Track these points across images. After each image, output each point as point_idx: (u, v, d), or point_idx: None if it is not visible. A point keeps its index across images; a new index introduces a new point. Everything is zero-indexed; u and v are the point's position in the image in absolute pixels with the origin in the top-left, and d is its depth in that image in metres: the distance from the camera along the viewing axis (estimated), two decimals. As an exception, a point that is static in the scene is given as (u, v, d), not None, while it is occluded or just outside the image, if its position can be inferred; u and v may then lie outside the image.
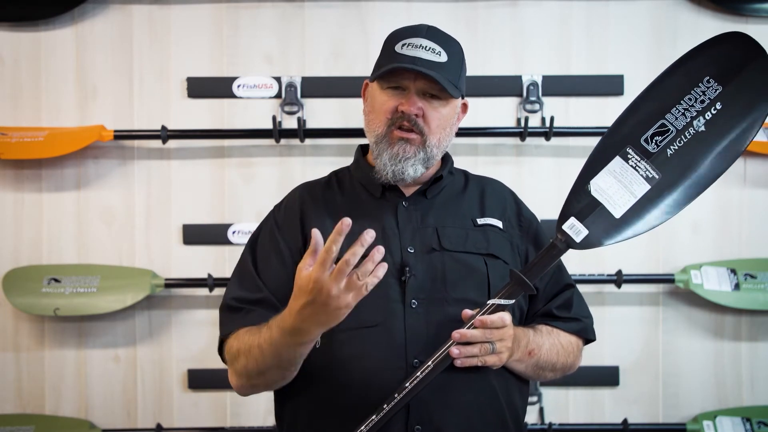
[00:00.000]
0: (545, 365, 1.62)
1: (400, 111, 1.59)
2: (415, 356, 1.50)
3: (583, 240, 1.50)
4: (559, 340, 1.65)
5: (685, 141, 1.49)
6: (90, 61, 2.74)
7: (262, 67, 2.75)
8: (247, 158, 2.75)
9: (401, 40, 1.61)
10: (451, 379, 1.51)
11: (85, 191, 2.74)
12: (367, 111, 1.68)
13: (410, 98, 1.59)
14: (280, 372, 1.53)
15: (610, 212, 1.49)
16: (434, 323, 1.53)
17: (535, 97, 2.71)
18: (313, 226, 1.61)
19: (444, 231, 1.62)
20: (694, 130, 1.49)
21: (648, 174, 1.49)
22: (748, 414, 2.70)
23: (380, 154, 1.61)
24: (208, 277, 2.65)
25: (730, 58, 1.50)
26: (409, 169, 1.61)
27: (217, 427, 2.73)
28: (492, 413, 1.56)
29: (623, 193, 1.49)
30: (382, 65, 1.62)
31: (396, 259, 1.58)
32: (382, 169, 1.61)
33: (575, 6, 2.74)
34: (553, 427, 2.68)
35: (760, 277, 2.67)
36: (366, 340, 1.48)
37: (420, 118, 1.59)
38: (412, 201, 1.65)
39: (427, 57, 1.59)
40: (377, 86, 1.64)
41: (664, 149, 1.49)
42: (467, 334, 1.46)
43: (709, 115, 1.48)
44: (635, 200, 1.49)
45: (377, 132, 1.62)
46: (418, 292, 1.55)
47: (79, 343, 2.74)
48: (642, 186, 1.49)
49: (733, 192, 2.74)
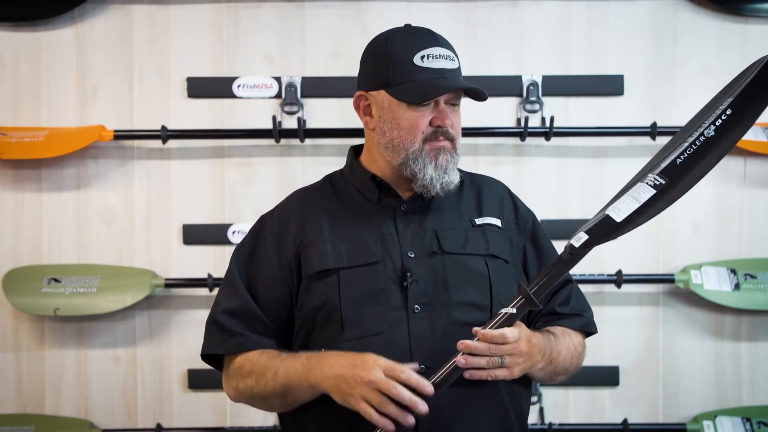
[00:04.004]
0: (561, 370, 1.62)
1: (435, 125, 1.57)
2: (422, 362, 1.48)
3: (582, 244, 1.48)
4: (572, 341, 1.64)
5: (695, 148, 1.47)
6: (90, 61, 2.74)
7: (262, 67, 2.75)
8: (247, 158, 2.75)
9: (416, 50, 1.56)
10: (461, 388, 1.49)
11: (85, 191, 2.74)
12: (387, 128, 1.59)
13: (443, 112, 1.57)
14: (282, 404, 1.56)
15: (612, 218, 1.48)
16: (438, 328, 1.52)
17: (535, 97, 2.71)
18: (309, 236, 1.61)
19: (443, 234, 1.61)
20: (704, 138, 1.48)
21: (656, 182, 1.48)
22: (748, 414, 2.70)
23: (423, 169, 1.57)
24: (208, 277, 2.65)
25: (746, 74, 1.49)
26: (454, 176, 1.60)
27: (217, 427, 2.73)
28: (500, 421, 1.55)
29: (628, 201, 1.48)
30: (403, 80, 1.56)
31: (397, 265, 1.56)
32: (429, 182, 1.57)
33: (575, 6, 2.74)
34: (553, 427, 2.68)
35: (760, 277, 2.67)
36: (371, 349, 1.47)
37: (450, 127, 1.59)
38: (410, 204, 1.63)
39: (449, 66, 1.57)
40: (398, 103, 1.57)
41: (675, 160, 1.48)
42: (471, 346, 1.44)
43: (719, 121, 1.47)
44: (639, 205, 1.47)
45: (412, 148, 1.57)
46: (421, 297, 1.54)
47: (79, 343, 2.74)
48: (647, 192, 1.48)
49: (733, 192, 2.74)
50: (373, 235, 1.59)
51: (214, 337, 1.61)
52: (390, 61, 1.57)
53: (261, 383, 1.54)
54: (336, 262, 1.57)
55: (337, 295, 1.54)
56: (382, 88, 1.58)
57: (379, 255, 1.57)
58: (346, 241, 1.59)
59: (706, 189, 2.74)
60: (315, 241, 1.60)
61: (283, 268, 1.60)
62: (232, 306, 1.61)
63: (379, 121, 1.61)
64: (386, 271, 1.56)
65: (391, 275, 1.56)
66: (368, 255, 1.57)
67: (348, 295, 1.54)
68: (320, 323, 1.56)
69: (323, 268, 1.57)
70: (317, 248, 1.59)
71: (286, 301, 1.60)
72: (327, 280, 1.56)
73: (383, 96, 1.59)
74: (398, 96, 1.56)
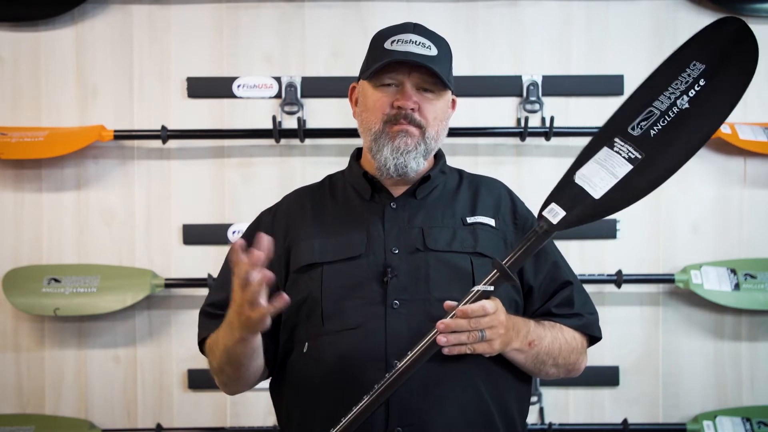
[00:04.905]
0: (546, 358, 1.58)
1: (396, 106, 1.59)
2: (396, 357, 1.47)
3: (560, 220, 1.47)
4: (563, 334, 1.62)
5: (668, 120, 1.47)
6: (90, 61, 2.74)
7: (262, 67, 2.75)
8: (247, 158, 2.75)
9: (389, 37, 1.61)
10: (433, 378, 1.49)
11: (85, 191, 2.74)
12: (359, 111, 1.67)
13: (405, 93, 1.58)
14: (232, 369, 1.58)
15: (589, 194, 1.47)
16: (416, 323, 1.52)
17: (535, 97, 2.71)
18: (300, 232, 1.64)
19: (430, 231, 1.61)
20: (677, 109, 1.47)
21: (631, 155, 1.47)
22: (748, 414, 2.70)
23: (380, 150, 1.60)
24: (208, 277, 2.65)
25: (715, 38, 1.48)
26: (412, 162, 1.60)
27: (217, 427, 2.73)
28: (476, 412, 1.53)
29: (605, 175, 1.47)
30: (372, 63, 1.61)
31: (379, 260, 1.57)
32: (384, 163, 1.60)
33: (575, 6, 2.74)
34: (553, 427, 2.68)
35: (760, 277, 2.67)
36: (347, 343, 1.49)
37: (416, 112, 1.59)
38: (401, 202, 1.64)
39: (419, 51, 1.59)
40: (369, 85, 1.63)
41: (648, 131, 1.47)
42: (452, 324, 1.43)
43: (692, 92, 1.46)
44: (616, 180, 1.46)
45: (374, 129, 1.61)
46: (401, 293, 1.54)
47: (79, 343, 2.74)
48: (624, 167, 1.46)
49: (733, 192, 2.74)
50: (360, 231, 1.61)
51: (202, 324, 1.68)
52: (368, 50, 1.66)
53: (216, 355, 1.59)
54: (321, 257, 1.59)
55: (319, 288, 1.56)
56: (361, 75, 1.66)
57: (362, 249, 1.58)
58: (334, 237, 1.61)
59: (706, 189, 2.74)
60: (305, 237, 1.63)
61: (273, 263, 1.61)
62: (220, 296, 1.64)
63: (358, 108, 1.68)
64: (368, 266, 1.57)
65: (373, 270, 1.57)
66: (351, 249, 1.59)
67: (329, 289, 1.56)
68: (303, 316, 1.58)
69: (308, 262, 1.59)
70: (305, 244, 1.62)
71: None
72: (311, 274, 1.59)
73: (361, 83, 1.66)
74: (363, 76, 1.63)
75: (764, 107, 2.74)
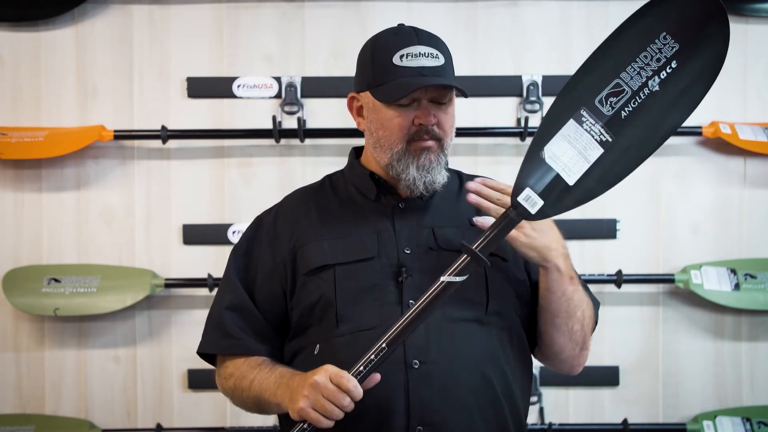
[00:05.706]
0: (574, 311, 1.57)
1: (417, 124, 1.57)
2: (414, 357, 1.49)
3: (538, 211, 1.47)
4: (589, 301, 1.62)
5: (639, 102, 1.46)
6: (90, 61, 2.74)
7: (262, 67, 2.75)
8: (247, 158, 2.75)
9: (396, 51, 1.57)
10: (452, 379, 1.50)
11: (85, 191, 2.74)
12: (373, 128, 1.61)
13: (425, 110, 1.57)
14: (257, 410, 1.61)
15: (564, 180, 1.47)
16: (433, 323, 1.51)
17: (535, 97, 2.71)
18: (306, 234, 1.62)
19: (440, 231, 1.61)
20: (648, 90, 1.46)
21: (602, 138, 1.46)
22: (748, 414, 2.70)
23: (405, 169, 1.58)
24: (208, 277, 2.65)
25: (689, 14, 1.46)
26: (438, 176, 1.60)
27: (217, 427, 2.73)
28: (494, 415, 1.54)
29: (577, 159, 1.47)
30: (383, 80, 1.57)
31: (392, 260, 1.57)
32: (412, 183, 1.58)
33: (575, 6, 2.74)
34: (553, 427, 2.68)
35: (760, 277, 2.67)
36: (364, 344, 1.47)
37: (435, 126, 1.59)
38: (408, 203, 1.64)
39: (430, 63, 1.57)
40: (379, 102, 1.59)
41: (619, 111, 1.47)
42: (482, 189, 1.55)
43: (664, 74, 1.45)
44: (589, 165, 1.46)
45: (396, 149, 1.58)
46: (416, 292, 1.53)
47: (79, 343, 2.74)
48: (596, 151, 1.46)
49: (733, 192, 2.74)
50: (370, 232, 1.60)
51: (209, 335, 1.65)
52: (373, 62, 1.60)
53: (238, 388, 1.60)
54: (332, 258, 1.58)
55: (332, 290, 1.55)
56: (367, 90, 1.61)
57: (375, 251, 1.58)
58: (343, 238, 1.60)
59: (706, 189, 2.74)
60: (312, 238, 1.61)
61: (277, 266, 1.61)
62: (228, 304, 1.63)
63: (367, 121, 1.64)
64: (382, 267, 1.56)
65: (387, 271, 1.56)
66: (364, 251, 1.58)
67: (343, 291, 1.55)
68: (316, 319, 1.57)
69: (320, 264, 1.58)
70: (314, 245, 1.60)
71: (278, 298, 1.62)
72: (323, 276, 1.57)
73: (369, 97, 1.61)
74: (377, 96, 1.58)
75: (764, 107, 2.74)
